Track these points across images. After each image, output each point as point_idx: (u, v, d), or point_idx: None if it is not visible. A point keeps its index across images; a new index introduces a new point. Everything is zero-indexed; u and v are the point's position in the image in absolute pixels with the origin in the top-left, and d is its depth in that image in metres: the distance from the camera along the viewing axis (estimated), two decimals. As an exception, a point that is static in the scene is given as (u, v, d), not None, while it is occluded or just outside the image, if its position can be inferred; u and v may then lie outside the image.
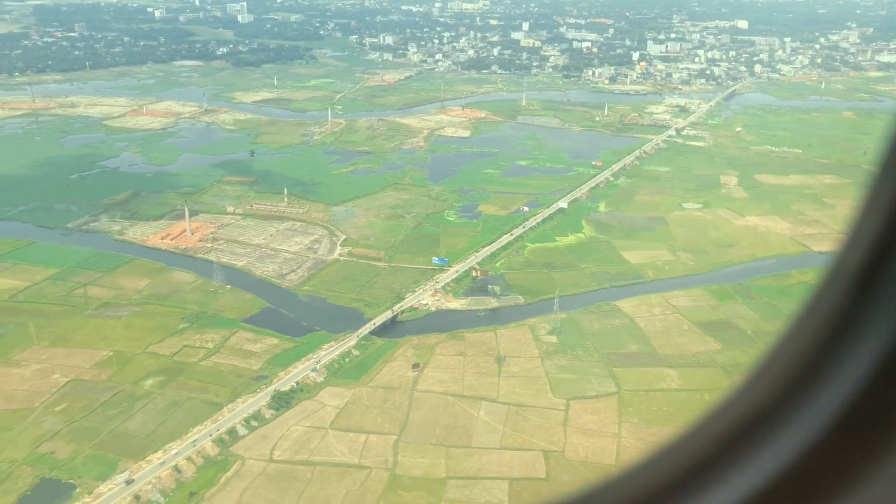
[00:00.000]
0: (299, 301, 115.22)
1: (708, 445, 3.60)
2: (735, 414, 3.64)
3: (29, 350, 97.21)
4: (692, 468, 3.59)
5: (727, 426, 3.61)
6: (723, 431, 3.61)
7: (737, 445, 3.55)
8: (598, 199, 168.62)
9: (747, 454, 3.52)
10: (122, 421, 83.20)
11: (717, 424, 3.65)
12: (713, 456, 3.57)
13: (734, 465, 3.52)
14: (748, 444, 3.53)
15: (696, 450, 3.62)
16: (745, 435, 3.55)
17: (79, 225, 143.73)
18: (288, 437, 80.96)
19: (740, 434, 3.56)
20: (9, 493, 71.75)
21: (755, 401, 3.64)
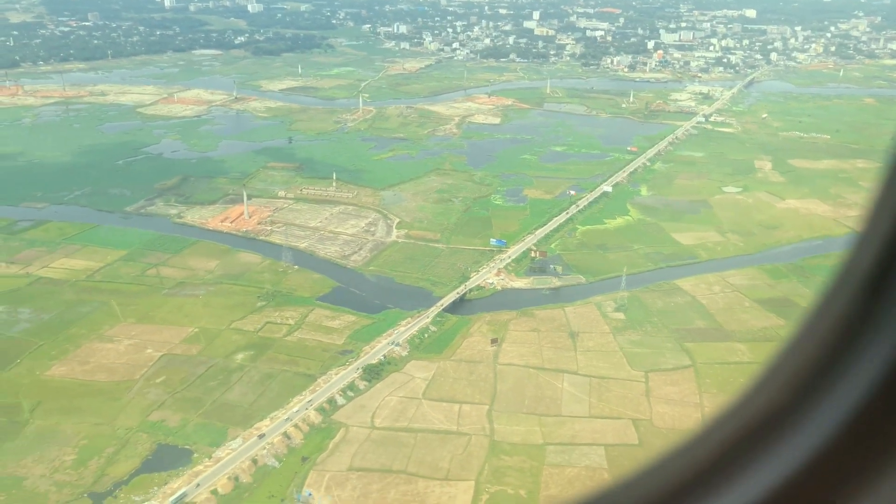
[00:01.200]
0: (367, 280, 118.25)
1: (720, 446, 3.61)
2: (747, 415, 3.64)
3: (117, 326, 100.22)
4: (704, 469, 3.59)
5: (739, 427, 3.62)
6: (735, 433, 3.61)
7: (749, 447, 3.55)
8: (639, 183, 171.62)
9: (759, 455, 3.51)
10: (222, 392, 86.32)
11: (729, 425, 3.65)
12: (725, 457, 3.58)
13: (746, 466, 3.52)
14: (760, 445, 3.53)
15: (708, 451, 3.63)
16: (756, 436, 3.55)
17: (137, 209, 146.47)
18: (385, 407, 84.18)
19: (752, 435, 3.57)
20: (132, 457, 74.92)
21: (767, 402, 3.63)
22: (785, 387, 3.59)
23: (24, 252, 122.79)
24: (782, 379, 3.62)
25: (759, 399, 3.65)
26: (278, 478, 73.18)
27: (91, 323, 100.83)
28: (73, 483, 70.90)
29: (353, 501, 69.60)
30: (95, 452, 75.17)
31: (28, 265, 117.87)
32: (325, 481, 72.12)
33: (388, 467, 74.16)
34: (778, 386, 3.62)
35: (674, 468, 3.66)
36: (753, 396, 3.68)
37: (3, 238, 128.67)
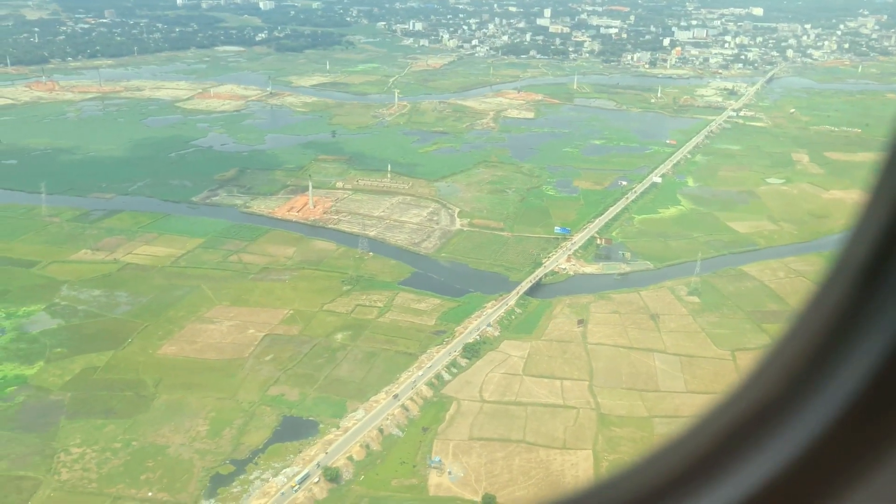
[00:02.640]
0: (442, 266, 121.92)
1: (714, 440, 3.60)
2: (741, 408, 3.62)
3: (214, 309, 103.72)
4: (698, 463, 3.59)
5: (733, 420, 3.60)
6: (729, 425, 3.59)
7: (743, 439, 3.54)
8: (684, 174, 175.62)
9: (753, 448, 3.50)
10: (331, 369, 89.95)
11: (723, 418, 3.64)
12: (720, 450, 3.57)
13: (740, 459, 3.51)
14: (754, 438, 3.52)
15: (702, 444, 3.62)
16: (751, 429, 3.54)
17: (202, 199, 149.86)
18: (489, 382, 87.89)
19: (746, 428, 3.55)
20: (261, 427, 78.54)
21: (761, 394, 3.61)
22: (779, 379, 3.59)
23: (105, 240, 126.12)
24: (777, 371, 3.63)
25: (754, 392, 3.65)
26: (404, 446, 76.89)
27: (188, 305, 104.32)
28: (213, 451, 74.48)
29: (480, 468, 73.32)
30: (226, 424, 78.74)
31: (112, 252, 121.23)
32: (450, 449, 75.84)
33: (507, 437, 77.90)
34: (772, 378, 3.63)
35: (667, 462, 3.66)
36: (748, 389, 3.67)
37: (81, 227, 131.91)
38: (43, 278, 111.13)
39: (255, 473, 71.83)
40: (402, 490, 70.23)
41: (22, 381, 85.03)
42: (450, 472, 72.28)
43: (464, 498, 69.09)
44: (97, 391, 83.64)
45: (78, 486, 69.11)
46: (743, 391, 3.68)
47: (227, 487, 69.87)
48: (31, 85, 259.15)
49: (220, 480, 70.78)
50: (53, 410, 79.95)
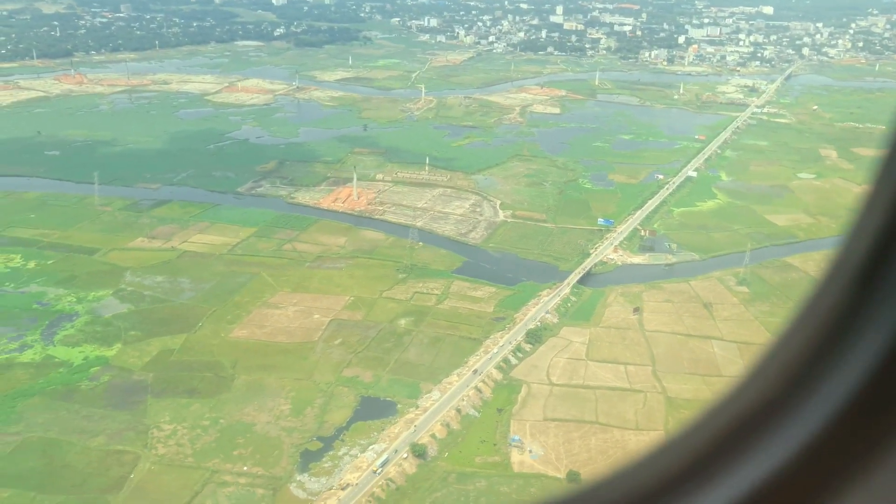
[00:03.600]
0: (491, 256, 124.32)
1: (712, 439, 3.58)
2: (738, 407, 3.61)
3: (277, 295, 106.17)
4: (696, 462, 3.58)
5: (731, 419, 3.58)
6: (727, 425, 3.58)
7: (740, 439, 3.52)
8: (716, 169, 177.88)
9: (751, 448, 3.49)
10: (399, 353, 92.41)
11: (721, 418, 3.62)
12: (716, 450, 3.56)
13: (737, 459, 3.50)
14: (753, 437, 3.50)
15: (700, 443, 3.61)
16: (749, 428, 3.53)
17: (247, 189, 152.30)
18: (555, 367, 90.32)
19: (745, 427, 3.53)
20: (342, 407, 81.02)
21: (758, 394, 3.60)
22: (778, 378, 3.57)
23: (158, 228, 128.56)
24: (774, 371, 3.61)
25: (751, 392, 3.64)
26: (481, 426, 79.35)
27: (251, 291, 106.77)
28: (299, 429, 76.96)
29: (559, 447, 75.78)
30: (307, 403, 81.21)
31: (168, 240, 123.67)
32: (527, 429, 78.29)
33: (580, 418, 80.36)
34: (769, 378, 3.61)
35: (666, 461, 3.67)
36: (745, 389, 3.66)
37: (134, 216, 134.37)
38: (106, 265, 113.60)
39: (343, 450, 74.32)
40: (487, 467, 72.66)
41: (103, 361, 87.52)
42: (530, 451, 74.74)
43: (547, 475, 71.52)
44: (177, 372, 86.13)
45: (175, 460, 71.62)
46: (741, 390, 3.67)
47: (318, 463, 72.35)
48: (59, 78, 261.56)
49: (309, 456, 73.27)
50: (139, 389, 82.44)
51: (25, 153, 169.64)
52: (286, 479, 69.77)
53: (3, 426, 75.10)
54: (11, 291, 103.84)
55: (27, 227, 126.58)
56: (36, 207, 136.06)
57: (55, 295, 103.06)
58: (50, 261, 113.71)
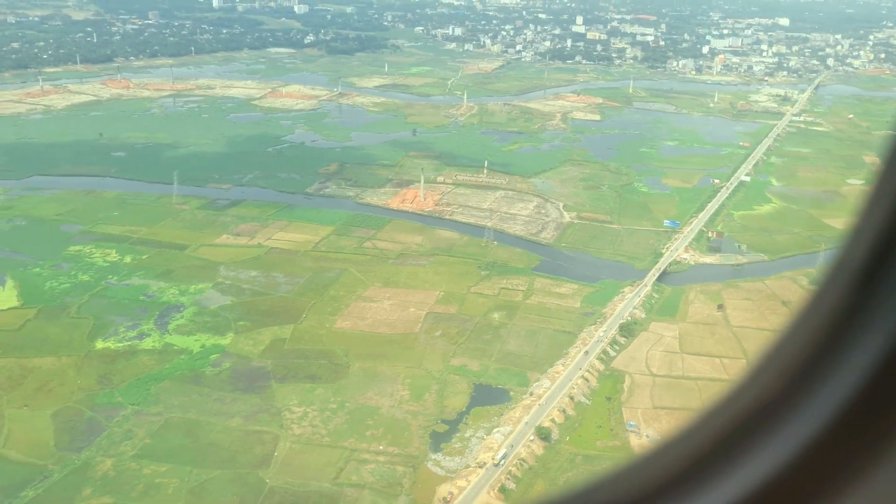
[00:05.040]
0: (566, 255, 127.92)
1: (712, 439, 3.61)
2: (739, 407, 3.63)
3: (370, 289, 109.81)
4: (696, 462, 3.60)
5: (731, 420, 3.61)
6: (727, 425, 3.60)
7: (741, 439, 3.54)
8: (765, 174, 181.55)
9: (750, 448, 3.50)
10: (500, 344, 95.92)
11: (721, 418, 3.65)
12: (717, 450, 3.58)
13: (739, 459, 3.52)
14: (752, 437, 3.52)
15: (700, 443, 3.63)
16: (749, 428, 3.54)
17: (315, 190, 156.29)
18: (652, 359, 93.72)
19: (745, 428, 3.55)
20: (458, 393, 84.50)
21: (758, 395, 3.62)
22: (777, 379, 3.58)
23: (240, 226, 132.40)
24: (774, 371, 3.61)
25: (751, 391, 3.64)
26: (594, 413, 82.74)
27: (344, 286, 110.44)
28: (422, 412, 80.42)
29: (672, 432, 78.96)
30: (424, 389, 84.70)
31: (252, 237, 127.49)
32: (639, 416, 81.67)
33: (688, 407, 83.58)
34: (770, 378, 3.61)
35: (666, 461, 3.67)
36: (745, 389, 3.66)
37: (213, 214, 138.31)
38: (199, 260, 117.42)
39: (469, 432, 77.75)
40: (609, 450, 75.97)
41: (220, 349, 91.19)
42: (647, 436, 78.08)
43: (668, 457, 74.65)
44: (294, 359, 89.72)
45: (313, 440, 75.11)
46: (741, 391, 3.68)
47: (448, 443, 75.79)
48: (106, 82, 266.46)
49: (438, 437, 76.70)
50: (261, 375, 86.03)
51: (93, 154, 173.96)
52: (422, 457, 73.23)
53: (143, 407, 78.74)
54: (116, 284, 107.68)
55: (113, 223, 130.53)
56: (117, 206, 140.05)
57: (158, 288, 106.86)
58: (144, 255, 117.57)
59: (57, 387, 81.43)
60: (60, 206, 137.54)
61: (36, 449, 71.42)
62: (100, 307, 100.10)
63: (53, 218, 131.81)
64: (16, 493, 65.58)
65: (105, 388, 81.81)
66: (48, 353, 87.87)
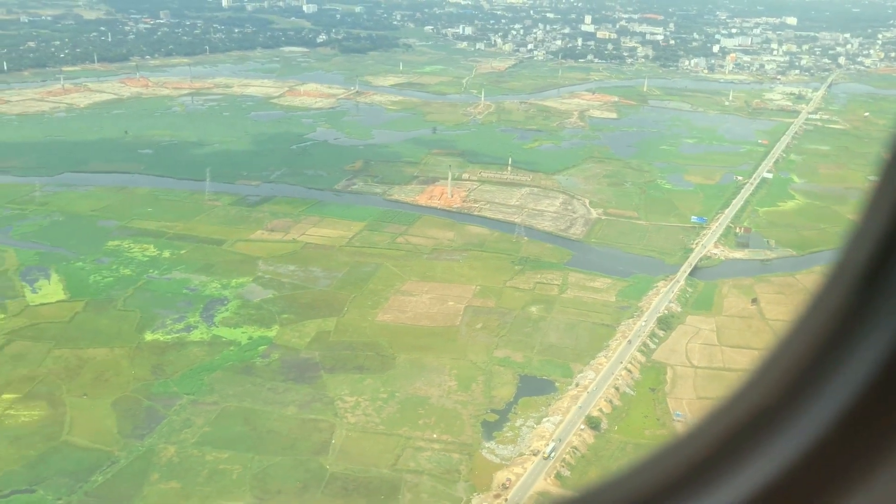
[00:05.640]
0: (596, 250, 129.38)
1: (715, 441, 3.60)
2: (742, 409, 3.62)
3: (407, 283, 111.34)
4: (699, 464, 3.60)
5: (734, 422, 3.60)
6: (729, 427, 3.59)
7: (744, 440, 3.54)
8: (787, 171, 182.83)
9: (754, 449, 3.51)
10: (540, 336, 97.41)
11: (723, 420, 3.64)
12: (720, 452, 3.57)
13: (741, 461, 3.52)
14: (755, 439, 3.52)
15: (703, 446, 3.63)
16: (751, 430, 3.54)
17: (343, 187, 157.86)
18: (692, 351, 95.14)
19: (747, 430, 3.55)
20: (505, 384, 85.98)
21: (760, 397, 3.61)
22: (779, 381, 3.58)
23: (273, 222, 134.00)
24: (777, 373, 3.61)
25: (753, 394, 3.63)
26: (640, 403, 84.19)
27: (382, 280, 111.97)
28: (471, 402, 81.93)
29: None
30: (471, 380, 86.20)
31: (286, 233, 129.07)
32: (684, 406, 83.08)
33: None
34: (772, 381, 3.60)
35: (668, 463, 3.68)
36: (747, 392, 3.65)
37: (245, 210, 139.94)
38: (237, 254, 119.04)
39: (519, 421, 79.24)
40: (657, 439, 77.31)
41: (267, 341, 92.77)
42: (693, 424, 79.31)
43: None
44: (340, 351, 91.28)
45: (368, 428, 76.66)
46: (743, 393, 3.66)
47: (500, 432, 77.30)
48: (125, 81, 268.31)
49: (489, 426, 78.21)
50: (310, 366, 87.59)
51: (121, 152, 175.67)
52: (476, 445, 74.74)
53: (199, 396, 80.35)
54: (158, 278, 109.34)
55: (149, 219, 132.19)
56: (150, 202, 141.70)
57: (200, 281, 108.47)
58: (182, 250, 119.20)
59: (113, 377, 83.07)
60: (95, 202, 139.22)
61: (100, 436, 73.07)
62: (145, 300, 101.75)
63: (90, 214, 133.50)
64: (86, 478, 67.22)
65: (159, 379, 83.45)
66: (100, 345, 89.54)
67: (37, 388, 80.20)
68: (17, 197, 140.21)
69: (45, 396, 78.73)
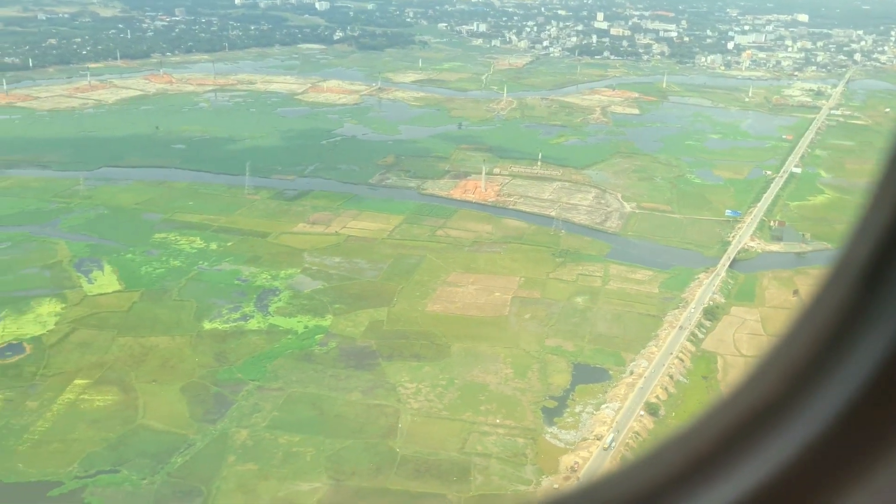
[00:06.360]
0: (633, 243, 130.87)
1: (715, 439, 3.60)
2: (742, 407, 3.62)
3: (452, 275, 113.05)
4: (699, 462, 3.59)
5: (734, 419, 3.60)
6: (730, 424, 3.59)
7: (744, 437, 3.53)
8: (813, 166, 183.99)
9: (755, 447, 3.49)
10: (589, 326, 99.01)
11: (723, 417, 3.64)
12: (720, 449, 3.57)
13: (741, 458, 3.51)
14: (756, 436, 3.51)
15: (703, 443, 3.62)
16: (752, 428, 3.53)
17: (377, 181, 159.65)
18: (740, 341, 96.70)
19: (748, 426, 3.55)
20: (560, 372, 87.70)
21: (761, 394, 3.60)
22: (780, 379, 3.56)
23: (314, 215, 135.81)
24: (777, 371, 3.60)
25: (754, 391, 3.63)
26: (694, 391, 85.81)
27: (427, 271, 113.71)
28: (529, 389, 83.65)
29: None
30: (526, 368, 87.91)
31: (327, 226, 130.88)
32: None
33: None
34: (773, 378, 3.59)
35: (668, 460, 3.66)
36: (748, 389, 3.65)
37: (284, 204, 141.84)
38: (282, 247, 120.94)
39: (578, 408, 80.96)
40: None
41: (323, 330, 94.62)
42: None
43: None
44: (395, 339, 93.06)
45: (432, 413, 78.46)
46: (744, 390, 3.66)
47: (560, 418, 79.00)
48: (148, 77, 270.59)
49: (550, 412, 79.93)
50: (368, 354, 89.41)
51: (154, 146, 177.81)
52: (539, 430, 76.50)
53: (264, 382, 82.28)
54: (208, 269, 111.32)
55: (191, 212, 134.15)
56: (189, 196, 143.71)
57: (249, 272, 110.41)
58: (229, 243, 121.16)
59: (178, 363, 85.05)
60: (137, 196, 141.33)
61: (174, 420, 75.04)
62: (198, 290, 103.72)
63: (133, 207, 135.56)
64: (166, 459, 69.19)
65: (223, 366, 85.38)
66: (161, 333, 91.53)
67: (106, 374, 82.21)
68: (60, 191, 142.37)
69: (115, 382, 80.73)
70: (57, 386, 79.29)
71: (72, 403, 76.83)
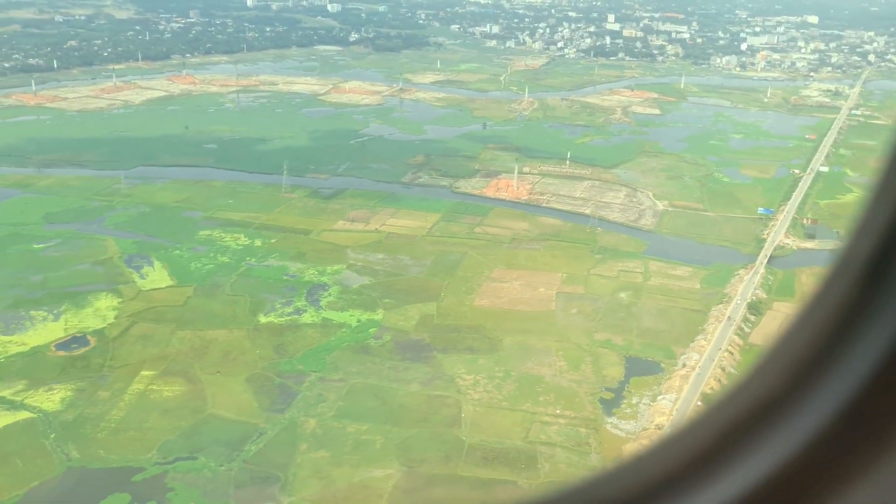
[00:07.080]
0: (669, 240, 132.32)
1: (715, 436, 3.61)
2: (743, 404, 3.64)
3: (495, 271, 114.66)
4: (698, 459, 3.61)
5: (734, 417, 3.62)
6: (730, 422, 3.61)
7: (744, 435, 3.55)
8: (839, 165, 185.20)
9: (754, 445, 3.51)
10: (636, 321, 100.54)
11: (724, 415, 3.65)
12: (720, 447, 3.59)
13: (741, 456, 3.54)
14: (755, 434, 3.53)
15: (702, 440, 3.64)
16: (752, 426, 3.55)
17: (410, 180, 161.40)
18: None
19: (748, 424, 3.56)
20: (613, 364, 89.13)
21: (762, 391, 3.62)
22: (782, 375, 3.58)
23: (352, 213, 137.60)
24: (779, 368, 3.62)
25: (756, 388, 3.65)
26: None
27: (470, 267, 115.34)
28: (585, 381, 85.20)
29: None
30: (579, 361, 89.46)
31: (367, 223, 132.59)
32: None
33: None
34: (774, 374, 3.61)
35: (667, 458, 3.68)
36: (750, 386, 3.68)
37: (322, 202, 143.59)
38: (325, 244, 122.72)
39: (635, 399, 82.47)
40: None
41: (376, 324, 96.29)
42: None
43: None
44: (447, 333, 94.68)
45: (493, 404, 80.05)
46: (745, 387, 3.69)
47: (618, 409, 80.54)
48: (171, 78, 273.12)
49: (607, 404, 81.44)
50: (422, 347, 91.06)
51: (187, 146, 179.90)
52: (599, 420, 78.04)
53: (325, 374, 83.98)
54: (256, 265, 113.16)
55: (231, 210, 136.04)
56: (228, 194, 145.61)
57: (297, 268, 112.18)
58: (273, 240, 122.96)
59: (239, 356, 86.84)
60: (176, 194, 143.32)
61: (242, 409, 76.78)
62: (249, 286, 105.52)
63: (174, 205, 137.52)
64: (240, 447, 70.91)
65: (283, 358, 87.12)
66: (219, 327, 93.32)
67: (171, 365, 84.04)
68: (100, 189, 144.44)
69: (180, 373, 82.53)
70: (125, 377, 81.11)
71: (141, 394, 78.64)
